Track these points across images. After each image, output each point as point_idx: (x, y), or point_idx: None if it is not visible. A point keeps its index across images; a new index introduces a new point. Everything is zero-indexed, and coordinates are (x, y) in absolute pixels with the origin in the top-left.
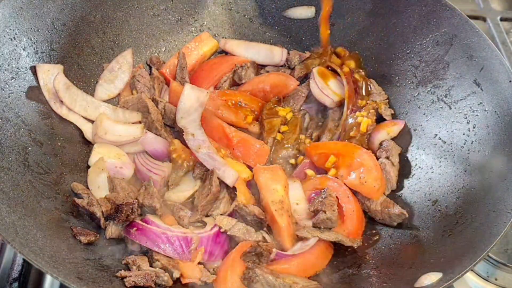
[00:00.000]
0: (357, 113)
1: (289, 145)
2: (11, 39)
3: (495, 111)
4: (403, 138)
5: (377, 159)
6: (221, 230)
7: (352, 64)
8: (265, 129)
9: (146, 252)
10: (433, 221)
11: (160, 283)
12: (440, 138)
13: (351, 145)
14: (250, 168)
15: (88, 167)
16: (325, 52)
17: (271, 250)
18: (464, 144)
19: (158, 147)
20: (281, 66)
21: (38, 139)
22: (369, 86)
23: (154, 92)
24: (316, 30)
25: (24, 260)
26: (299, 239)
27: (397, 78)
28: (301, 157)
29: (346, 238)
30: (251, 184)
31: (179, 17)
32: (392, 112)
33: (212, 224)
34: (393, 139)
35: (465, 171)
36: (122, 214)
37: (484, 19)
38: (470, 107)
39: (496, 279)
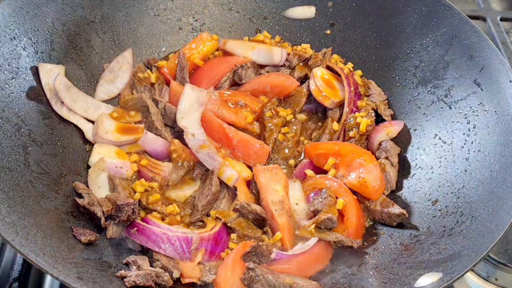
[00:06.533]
0: (357, 113)
1: (289, 146)
2: (11, 39)
3: (495, 111)
4: (403, 139)
5: (377, 159)
6: (222, 221)
7: (351, 65)
8: (266, 130)
9: (147, 252)
10: (433, 221)
11: (160, 283)
12: (440, 138)
13: (350, 145)
14: (250, 168)
15: (88, 167)
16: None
17: (271, 250)
18: (464, 144)
19: (158, 147)
20: (281, 66)
21: (38, 139)
22: (368, 87)
23: (154, 92)
24: (316, 30)
25: (24, 260)
26: (299, 239)
27: (397, 78)
28: (301, 157)
29: (346, 238)
30: (251, 184)
31: (179, 17)
32: (392, 112)
33: (213, 224)
34: (392, 139)
35: (465, 171)
36: (123, 214)
37: (484, 19)
38: (470, 107)
39: (496, 279)
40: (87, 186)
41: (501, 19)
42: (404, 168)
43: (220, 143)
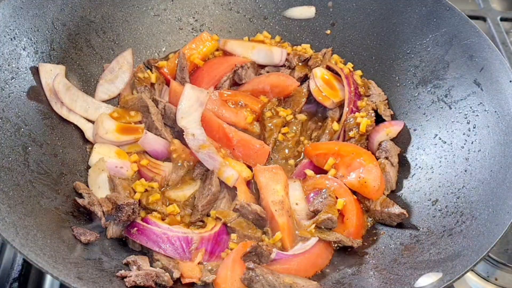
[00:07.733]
0: (357, 113)
1: (289, 146)
2: (11, 39)
3: (495, 111)
4: (403, 139)
5: (377, 159)
6: (222, 221)
7: (351, 65)
8: (266, 130)
9: (147, 252)
10: (433, 221)
11: (160, 283)
12: (440, 138)
13: (350, 145)
14: (250, 168)
15: (89, 167)
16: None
17: (271, 250)
18: (464, 144)
19: (158, 147)
20: (281, 66)
21: (38, 139)
22: (368, 87)
23: (154, 92)
24: (316, 30)
25: (24, 260)
26: (299, 239)
27: (397, 78)
28: (301, 157)
29: (346, 238)
30: (251, 184)
31: (179, 17)
32: (392, 112)
33: (213, 224)
34: (392, 139)
35: (465, 171)
36: (123, 214)
37: (484, 19)
38: (470, 107)
39: (496, 279)
40: (87, 186)
41: (501, 19)
42: (404, 168)
43: (220, 143)
